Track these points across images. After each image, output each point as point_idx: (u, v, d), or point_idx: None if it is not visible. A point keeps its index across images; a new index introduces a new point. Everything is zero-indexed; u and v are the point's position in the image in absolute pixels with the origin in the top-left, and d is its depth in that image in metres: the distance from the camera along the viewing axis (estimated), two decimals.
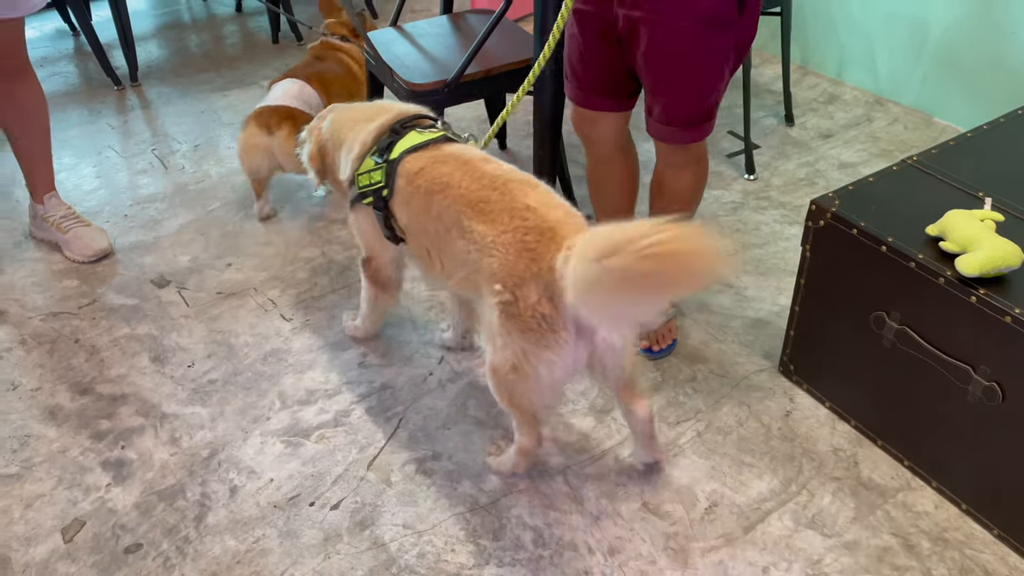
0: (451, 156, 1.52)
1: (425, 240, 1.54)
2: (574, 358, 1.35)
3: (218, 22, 3.80)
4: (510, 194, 1.39)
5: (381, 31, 2.30)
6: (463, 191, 1.43)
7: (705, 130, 1.64)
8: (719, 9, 1.47)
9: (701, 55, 1.52)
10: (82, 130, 2.88)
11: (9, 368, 1.88)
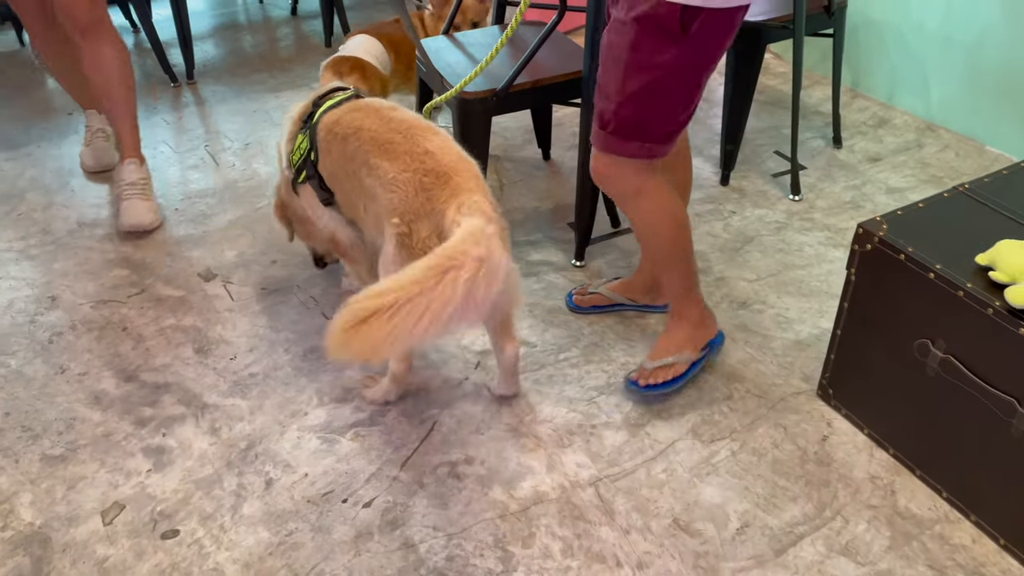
0: (363, 105, 1.72)
1: (346, 183, 1.70)
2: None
3: (273, 24, 3.88)
4: (413, 138, 1.56)
5: (433, 39, 2.33)
6: (372, 133, 1.61)
7: (623, 145, 1.52)
8: (661, 21, 1.39)
9: (629, 53, 1.45)
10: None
11: (59, 352, 1.94)
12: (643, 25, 1.40)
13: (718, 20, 1.39)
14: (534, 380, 1.84)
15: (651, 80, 1.45)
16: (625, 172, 1.58)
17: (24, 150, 2.80)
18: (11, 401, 1.80)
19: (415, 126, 1.61)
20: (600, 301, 2.03)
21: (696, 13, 1.36)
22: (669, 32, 1.39)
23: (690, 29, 1.38)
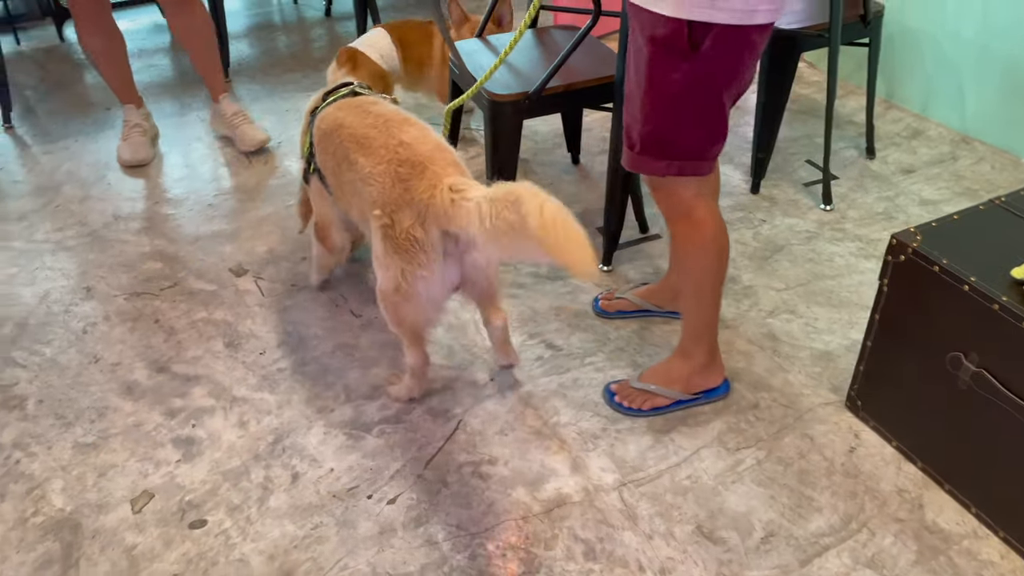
0: (347, 103, 1.78)
1: (332, 178, 1.77)
2: (444, 276, 1.57)
3: (307, 25, 3.93)
4: (388, 131, 1.62)
5: (466, 41, 2.35)
6: (351, 130, 1.68)
7: (651, 164, 1.52)
8: (667, 35, 1.38)
9: (649, 73, 1.45)
10: (173, 121, 3.01)
11: (93, 342, 1.97)
12: (655, 44, 1.41)
13: (731, 37, 1.36)
14: (559, 383, 1.84)
15: (668, 98, 1.45)
16: (675, 191, 1.56)
17: (62, 143, 2.86)
18: (45, 389, 1.84)
19: (392, 119, 1.66)
20: (626, 306, 2.03)
21: (706, 30, 1.35)
22: (679, 49, 1.38)
23: (701, 46, 1.37)
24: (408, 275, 1.54)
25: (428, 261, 1.53)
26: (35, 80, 3.34)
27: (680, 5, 1.33)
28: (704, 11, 1.32)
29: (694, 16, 1.33)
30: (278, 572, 1.45)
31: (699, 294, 1.67)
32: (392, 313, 1.63)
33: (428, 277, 1.54)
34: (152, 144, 2.79)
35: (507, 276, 2.18)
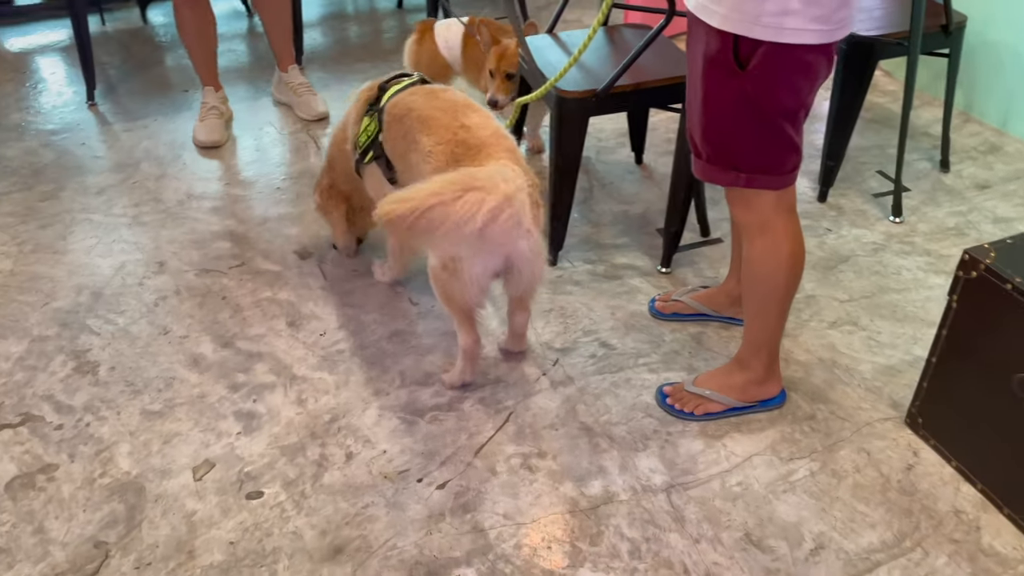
0: (420, 90, 1.84)
1: (401, 162, 1.81)
2: (487, 258, 1.60)
3: (379, 16, 3.99)
4: (453, 114, 1.68)
5: (537, 37, 2.35)
6: (420, 112, 1.74)
7: (718, 174, 1.51)
8: (716, 53, 1.37)
9: (703, 84, 1.44)
10: (247, 105, 3.09)
11: (163, 314, 2.05)
12: (707, 59, 1.40)
13: (781, 57, 1.33)
14: (611, 382, 1.85)
15: (721, 113, 1.44)
16: (751, 203, 1.54)
17: (141, 122, 2.96)
18: (117, 357, 1.92)
19: (458, 104, 1.73)
20: (683, 309, 2.02)
21: (754, 47, 1.33)
22: (727, 66, 1.37)
23: (748, 64, 1.35)
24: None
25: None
26: (118, 60, 3.47)
27: (726, 18, 1.32)
28: (746, 25, 1.31)
29: (738, 30, 1.32)
30: (329, 547, 1.49)
31: (765, 307, 1.64)
32: (441, 290, 1.69)
33: (471, 256, 1.59)
34: (226, 127, 2.88)
35: (563, 273, 2.19)
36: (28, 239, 2.33)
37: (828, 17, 1.30)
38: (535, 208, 1.60)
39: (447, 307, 1.72)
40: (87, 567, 1.46)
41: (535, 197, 1.61)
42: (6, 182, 2.60)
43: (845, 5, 1.31)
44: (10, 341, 1.96)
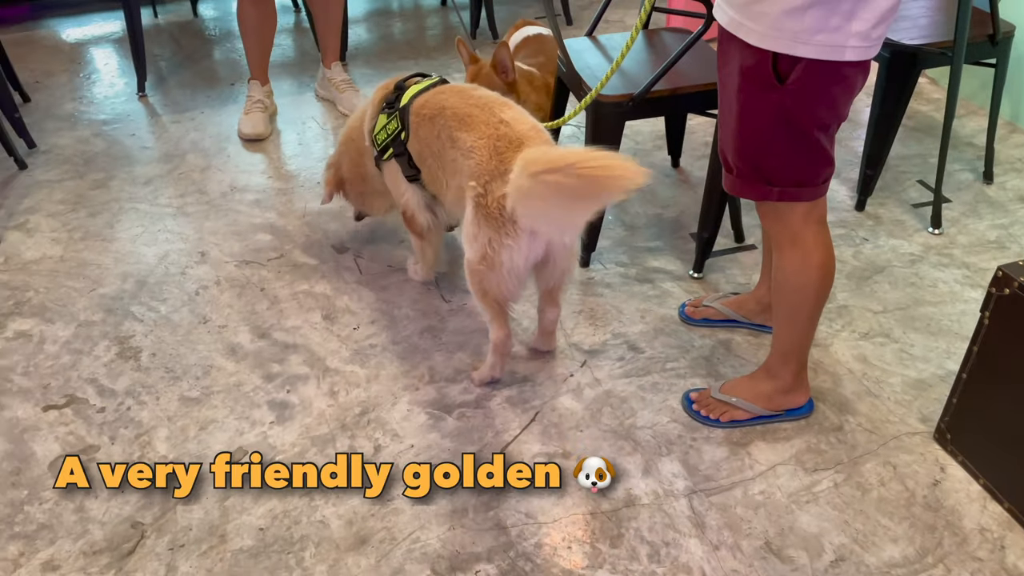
0: (448, 88, 1.86)
1: (432, 162, 1.83)
2: (530, 248, 1.64)
3: (423, 13, 4.03)
4: (489, 110, 1.70)
5: (576, 40, 2.37)
6: (454, 110, 1.75)
7: (749, 188, 1.51)
8: (753, 67, 1.36)
9: (738, 99, 1.43)
10: (291, 99, 3.15)
11: (203, 304, 2.11)
12: (743, 73, 1.40)
13: (819, 72, 1.32)
14: (638, 385, 1.86)
15: (757, 128, 1.44)
16: (782, 215, 1.53)
17: (188, 114, 3.04)
18: (158, 343, 1.98)
19: (494, 101, 1.75)
20: (713, 315, 2.02)
21: (793, 62, 1.32)
22: (765, 81, 1.36)
23: (787, 79, 1.34)
24: (495, 244, 1.62)
25: (515, 231, 1.60)
26: (169, 52, 3.56)
27: (764, 36, 1.32)
28: (787, 43, 1.30)
29: (777, 48, 1.32)
30: (354, 537, 1.53)
31: (794, 317, 1.64)
32: (477, 283, 1.71)
33: (513, 247, 1.62)
34: (270, 121, 2.94)
35: (595, 275, 2.21)
36: (78, 226, 2.41)
37: (867, 34, 1.29)
38: None
39: (481, 301, 1.74)
40: (124, 546, 1.52)
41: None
42: (59, 170, 2.69)
43: (883, 22, 1.30)
44: (58, 325, 2.04)
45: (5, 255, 2.29)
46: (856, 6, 1.26)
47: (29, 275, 2.21)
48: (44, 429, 1.76)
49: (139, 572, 1.47)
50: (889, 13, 1.30)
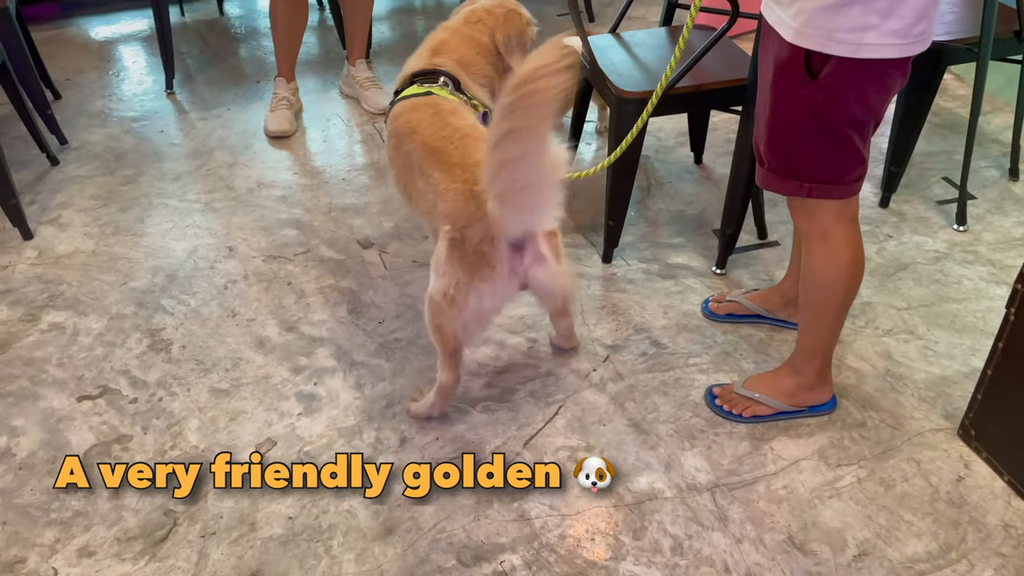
0: (425, 104, 1.73)
1: (399, 176, 1.79)
2: (504, 291, 1.58)
3: (446, 10, 4.04)
4: (465, 149, 1.59)
5: (599, 36, 2.38)
6: (426, 138, 1.66)
7: (781, 183, 1.51)
8: (787, 61, 1.37)
9: (772, 92, 1.44)
10: (315, 97, 3.19)
11: (231, 298, 2.15)
12: (778, 66, 1.40)
13: (852, 69, 1.32)
14: (661, 381, 1.87)
15: (789, 122, 1.44)
16: (813, 212, 1.54)
17: (215, 111, 3.09)
18: (188, 336, 2.02)
19: (469, 135, 1.62)
20: (737, 310, 2.03)
21: (826, 58, 1.33)
22: (798, 75, 1.37)
23: (819, 74, 1.35)
24: (464, 286, 1.54)
25: (492, 276, 1.54)
26: (196, 50, 3.61)
27: (799, 32, 1.33)
28: (820, 41, 1.31)
29: (810, 45, 1.32)
30: (381, 527, 1.55)
31: (821, 314, 1.64)
32: (433, 317, 1.62)
33: (483, 291, 1.55)
34: (295, 117, 2.98)
35: (617, 271, 2.22)
36: (109, 221, 2.46)
37: (907, 31, 1.28)
38: (550, 236, 1.61)
39: (434, 336, 1.64)
40: (157, 533, 1.55)
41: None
42: (90, 166, 2.74)
43: (924, 18, 1.29)
44: (91, 318, 2.08)
45: (39, 249, 2.34)
46: (894, 4, 1.25)
47: (62, 269, 2.26)
48: (78, 419, 1.80)
49: (172, 559, 1.51)
50: (930, 8, 1.29)
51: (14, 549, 1.53)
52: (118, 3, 4.06)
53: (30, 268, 2.26)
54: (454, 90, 1.80)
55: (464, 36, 1.95)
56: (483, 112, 1.80)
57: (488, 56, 1.96)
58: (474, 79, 1.91)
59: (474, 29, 1.96)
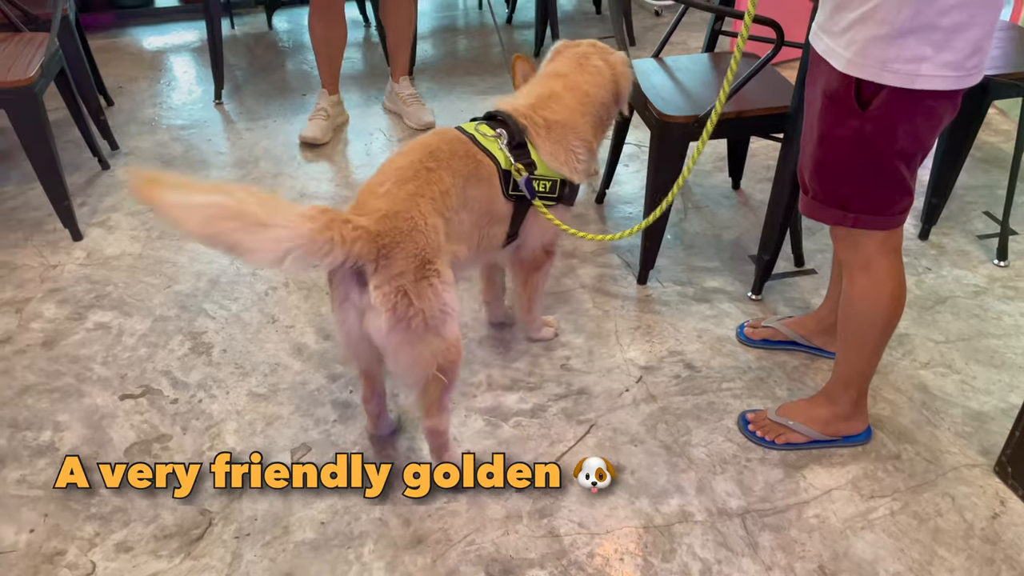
0: (438, 136, 1.63)
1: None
2: (342, 317, 1.49)
3: (488, 30, 4.11)
4: (380, 189, 1.50)
5: (642, 60, 2.40)
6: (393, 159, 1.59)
7: (824, 212, 1.51)
8: (837, 91, 1.37)
9: (819, 122, 1.44)
10: (359, 111, 3.25)
11: (272, 305, 2.19)
12: (826, 96, 1.41)
13: (902, 100, 1.32)
14: (694, 404, 1.87)
15: (835, 152, 1.44)
16: (856, 242, 1.53)
17: (262, 122, 3.16)
18: (229, 340, 2.06)
19: (398, 180, 1.50)
20: (772, 335, 2.03)
21: (876, 90, 1.33)
22: (847, 106, 1.37)
23: (870, 105, 1.35)
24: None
25: (334, 299, 1.51)
26: (244, 62, 3.70)
27: (851, 62, 1.33)
28: (873, 71, 1.31)
29: (862, 75, 1.33)
30: (411, 536, 1.57)
31: (859, 344, 1.64)
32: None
33: (336, 318, 1.53)
34: (331, 128, 3.03)
35: (652, 292, 2.23)
36: (155, 225, 2.52)
37: (961, 64, 1.28)
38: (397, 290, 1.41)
39: None
40: (192, 532, 1.58)
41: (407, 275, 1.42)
42: None
43: (979, 51, 1.29)
44: (135, 319, 2.14)
45: (88, 250, 2.40)
46: (949, 36, 1.26)
47: (109, 270, 2.32)
48: (120, 417, 1.84)
49: (206, 558, 1.54)
50: (984, 42, 1.29)
51: (54, 541, 1.57)
52: (170, 14, 4.18)
53: (79, 268, 2.33)
54: (506, 146, 1.65)
55: (582, 95, 1.80)
56: (526, 177, 1.66)
57: (597, 112, 1.82)
58: (562, 142, 1.74)
59: (593, 83, 1.82)
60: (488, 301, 2.08)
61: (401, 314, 1.42)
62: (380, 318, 1.42)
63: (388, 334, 1.44)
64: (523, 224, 1.74)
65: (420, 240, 1.44)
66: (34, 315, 2.15)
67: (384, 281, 1.41)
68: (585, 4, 4.41)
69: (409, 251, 1.43)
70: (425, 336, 1.47)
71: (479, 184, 1.62)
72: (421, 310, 1.44)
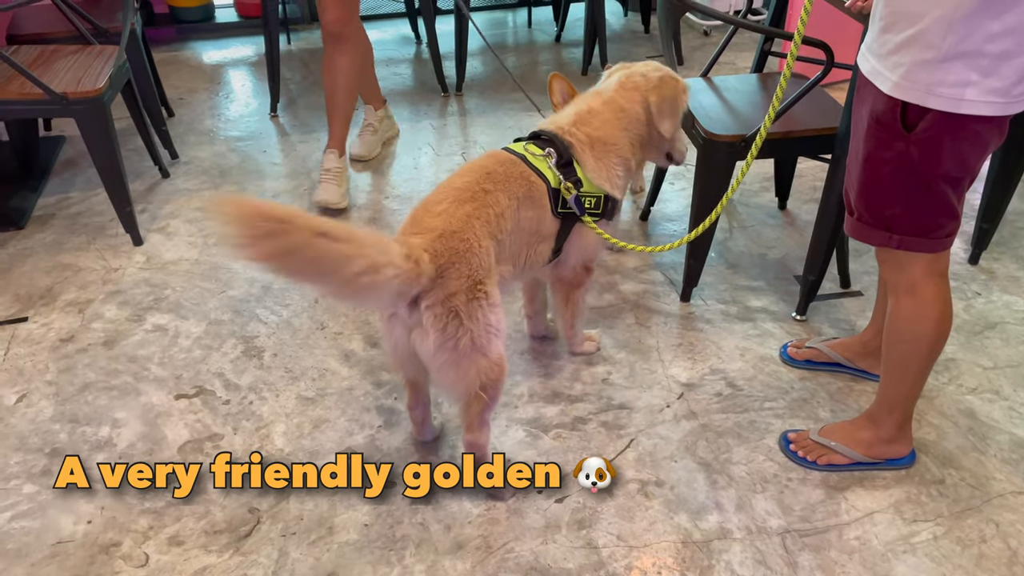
0: (494, 158, 1.69)
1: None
2: (389, 330, 1.55)
3: (536, 48, 4.16)
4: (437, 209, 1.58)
5: (691, 79, 2.42)
6: (451, 180, 1.67)
7: (870, 233, 1.52)
8: (883, 113, 1.38)
9: (865, 144, 1.45)
10: (407, 126, 3.32)
11: (321, 312, 2.25)
12: (873, 118, 1.42)
13: (950, 125, 1.33)
14: (735, 422, 1.88)
15: (880, 174, 1.45)
16: (902, 264, 1.54)
17: (314, 135, 3.24)
18: (279, 345, 2.13)
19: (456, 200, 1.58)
20: (816, 356, 2.02)
21: (921, 113, 1.34)
22: (892, 128, 1.38)
23: (915, 128, 1.36)
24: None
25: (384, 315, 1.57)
26: (299, 77, 3.80)
27: (897, 85, 1.34)
28: (919, 94, 1.32)
29: (908, 98, 1.34)
30: (452, 542, 1.60)
31: (904, 367, 1.63)
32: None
33: (383, 329, 1.60)
34: (378, 143, 3.09)
35: (695, 310, 2.24)
36: (212, 232, 2.61)
37: (1007, 91, 1.29)
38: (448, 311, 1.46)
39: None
40: (241, 529, 1.64)
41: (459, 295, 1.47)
42: (197, 180, 2.92)
43: None
44: (191, 322, 2.21)
45: (147, 255, 2.50)
46: (996, 63, 1.26)
47: (167, 274, 2.41)
48: (175, 415, 1.91)
49: (254, 554, 1.58)
50: None
51: (110, 533, 1.63)
52: (230, 29, 4.32)
53: (138, 272, 2.42)
54: (555, 165, 1.70)
55: (616, 109, 1.82)
56: (575, 195, 1.71)
57: (635, 128, 1.84)
58: (604, 159, 1.78)
59: (628, 98, 1.84)
60: (530, 315, 2.12)
61: (450, 334, 1.46)
62: (428, 337, 1.46)
63: (435, 353, 1.48)
64: (566, 241, 1.78)
65: (473, 261, 1.49)
66: (96, 315, 2.24)
67: (437, 301, 1.46)
68: (634, 23, 4.44)
69: (463, 272, 1.47)
70: (471, 355, 1.50)
71: (532, 205, 1.67)
72: (469, 330, 1.48)
